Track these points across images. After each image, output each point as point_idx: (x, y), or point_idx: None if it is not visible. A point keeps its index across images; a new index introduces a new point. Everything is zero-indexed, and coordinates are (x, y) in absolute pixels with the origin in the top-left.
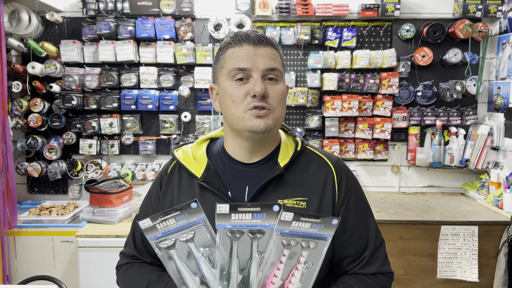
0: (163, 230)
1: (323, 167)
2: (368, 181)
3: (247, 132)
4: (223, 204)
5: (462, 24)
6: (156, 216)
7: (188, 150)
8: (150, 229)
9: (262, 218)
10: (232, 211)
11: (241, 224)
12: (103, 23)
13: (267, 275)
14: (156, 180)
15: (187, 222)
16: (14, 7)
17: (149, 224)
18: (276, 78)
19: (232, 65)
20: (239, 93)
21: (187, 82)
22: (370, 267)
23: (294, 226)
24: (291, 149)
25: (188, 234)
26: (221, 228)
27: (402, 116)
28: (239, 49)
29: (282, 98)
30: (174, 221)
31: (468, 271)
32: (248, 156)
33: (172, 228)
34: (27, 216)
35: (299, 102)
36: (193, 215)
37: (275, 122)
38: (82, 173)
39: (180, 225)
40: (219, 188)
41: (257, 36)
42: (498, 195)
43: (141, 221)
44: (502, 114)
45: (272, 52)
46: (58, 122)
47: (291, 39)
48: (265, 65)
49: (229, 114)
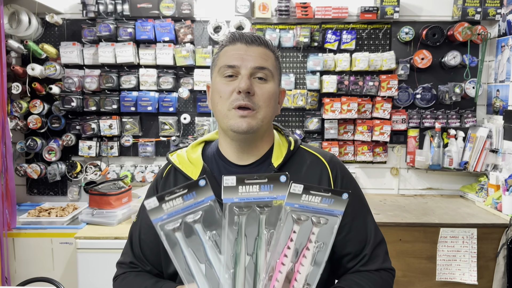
0: (169, 211)
1: (317, 164)
2: (367, 183)
3: (230, 131)
4: (230, 176)
5: (461, 27)
6: (163, 194)
7: (183, 153)
8: (155, 210)
9: (269, 189)
10: (239, 183)
11: (249, 197)
12: (103, 25)
13: (275, 256)
14: (152, 185)
15: (194, 201)
16: (14, 9)
17: (155, 204)
18: (265, 77)
19: (222, 62)
20: (226, 90)
21: (187, 84)
22: (372, 264)
23: (304, 200)
24: (284, 149)
25: (195, 214)
26: (228, 203)
27: (401, 119)
28: (232, 47)
29: (269, 98)
30: (181, 201)
31: (467, 274)
32: (242, 157)
33: (179, 209)
34: (26, 217)
35: (298, 104)
36: (201, 193)
37: (260, 122)
38: (81, 175)
39: (187, 205)
40: (215, 190)
41: (252, 36)
42: (497, 197)
43: (146, 201)
44: (501, 116)
45: (265, 52)
46: (57, 123)
47: (291, 41)
48: (254, 63)
49: (216, 111)
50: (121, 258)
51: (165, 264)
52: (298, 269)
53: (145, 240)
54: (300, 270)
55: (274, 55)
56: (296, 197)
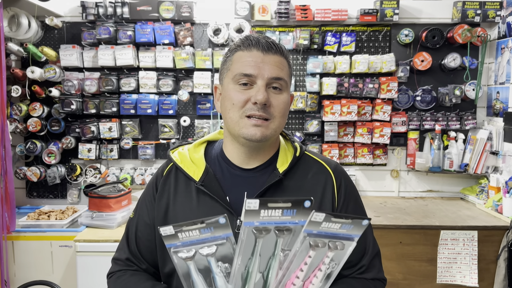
0: (184, 240)
1: (322, 172)
2: (367, 185)
3: (242, 139)
4: (253, 199)
5: (461, 29)
6: (181, 225)
7: (185, 152)
8: (170, 237)
9: (292, 214)
10: (262, 206)
11: (270, 221)
12: (103, 27)
13: (287, 274)
14: (151, 182)
15: (211, 235)
16: (14, 12)
17: (171, 232)
18: (280, 87)
19: (238, 69)
20: (240, 98)
21: (186, 87)
22: (368, 273)
23: (324, 227)
24: (290, 155)
25: (210, 248)
26: (247, 226)
27: (401, 121)
28: (247, 53)
29: (284, 108)
30: (198, 233)
31: (467, 276)
32: (247, 161)
33: (194, 240)
34: (25, 220)
35: (298, 106)
36: (219, 230)
37: (273, 132)
38: (81, 178)
39: (203, 238)
40: (217, 193)
41: (267, 43)
42: (497, 199)
43: (162, 228)
44: (501, 118)
45: (281, 60)
46: (57, 126)
47: (290, 44)
48: (271, 74)
49: (227, 117)
50: (117, 254)
51: (162, 263)
52: (307, 286)
53: (141, 237)
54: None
55: (288, 62)
56: (316, 225)
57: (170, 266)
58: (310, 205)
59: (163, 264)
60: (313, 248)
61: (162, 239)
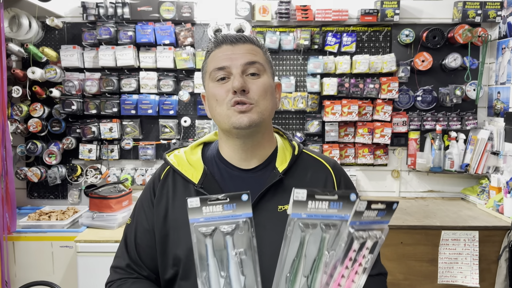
0: (207, 215)
1: (322, 170)
2: (368, 186)
3: (233, 129)
4: (301, 189)
5: (462, 29)
6: (206, 198)
7: (182, 154)
8: (195, 210)
9: (338, 207)
10: (310, 198)
11: (317, 214)
12: (103, 28)
13: (331, 275)
14: (148, 186)
15: (232, 213)
16: (14, 13)
17: (197, 204)
18: (258, 72)
19: (212, 66)
20: (221, 92)
21: (187, 87)
22: (373, 269)
23: (365, 216)
24: (289, 154)
25: (230, 225)
26: (295, 218)
27: (402, 121)
28: (218, 50)
29: (265, 91)
30: (221, 209)
31: (469, 277)
32: (244, 160)
33: (216, 216)
34: (26, 221)
35: (299, 106)
36: (241, 208)
37: (260, 115)
38: (82, 178)
39: (225, 215)
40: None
41: (235, 36)
42: (498, 200)
43: (189, 199)
44: (502, 118)
45: (252, 48)
46: (58, 127)
47: (291, 44)
48: (244, 60)
49: (215, 115)
50: (115, 262)
51: (162, 270)
52: (350, 286)
53: (141, 244)
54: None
55: (261, 50)
56: (359, 215)
57: (171, 272)
58: (355, 199)
59: (163, 270)
60: (358, 240)
61: (187, 211)
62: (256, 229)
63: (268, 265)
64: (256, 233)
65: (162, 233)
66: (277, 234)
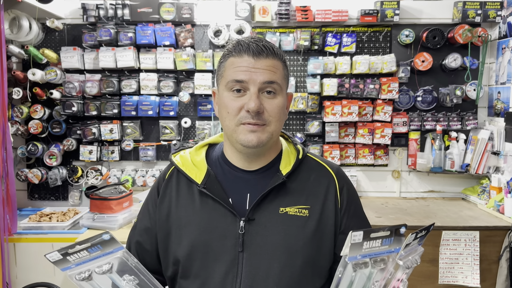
0: (76, 262)
1: (325, 175)
2: (368, 186)
3: (239, 145)
4: (358, 231)
5: (462, 29)
6: (65, 248)
7: (187, 155)
8: (60, 261)
9: (389, 243)
10: (365, 238)
11: (370, 253)
12: (104, 29)
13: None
14: (154, 187)
15: (102, 253)
16: (14, 14)
17: (58, 257)
18: (274, 91)
19: (230, 76)
20: (234, 106)
21: (187, 88)
22: None
23: (411, 245)
24: (293, 157)
25: (104, 266)
26: (351, 261)
27: (402, 121)
28: (238, 59)
29: (279, 113)
30: (87, 253)
31: (469, 277)
32: (248, 164)
33: (87, 260)
34: (27, 222)
35: (299, 107)
36: (108, 246)
37: (269, 136)
38: (82, 180)
39: (94, 256)
40: (220, 195)
41: (258, 47)
42: (499, 200)
43: (49, 255)
44: (502, 118)
45: (273, 63)
46: (58, 128)
47: (291, 45)
48: (263, 78)
49: (224, 125)
50: None
51: (165, 267)
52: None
53: (142, 243)
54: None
55: (282, 63)
56: (407, 246)
57: (171, 271)
58: (404, 231)
59: (166, 267)
60: (404, 270)
61: (54, 264)
62: (257, 229)
63: (268, 264)
64: (257, 232)
65: (165, 231)
66: (277, 234)
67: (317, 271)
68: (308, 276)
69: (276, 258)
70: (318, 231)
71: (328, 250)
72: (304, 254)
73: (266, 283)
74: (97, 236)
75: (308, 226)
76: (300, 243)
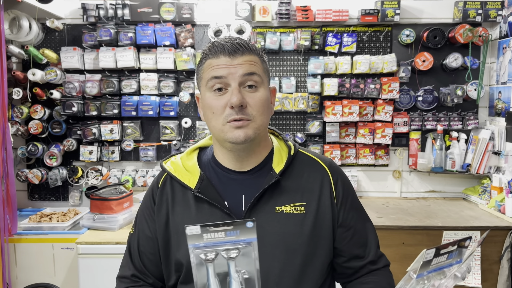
0: (208, 241)
1: (318, 170)
2: (369, 186)
3: (228, 143)
4: (430, 249)
5: (462, 29)
6: (207, 225)
7: (178, 161)
8: (194, 237)
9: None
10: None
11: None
12: (104, 29)
13: None
14: (147, 195)
15: (236, 239)
16: (14, 14)
17: (197, 232)
18: (255, 84)
19: (208, 75)
20: (217, 105)
21: (188, 88)
22: (379, 263)
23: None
24: (285, 154)
25: (233, 251)
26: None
27: (403, 121)
28: (215, 60)
29: (262, 106)
30: (223, 235)
31: (471, 277)
32: (240, 165)
33: (218, 242)
34: (27, 223)
35: (299, 107)
36: (245, 234)
37: (256, 131)
38: (83, 180)
39: (227, 240)
40: (215, 198)
41: (233, 45)
42: (500, 200)
43: (189, 227)
44: (503, 118)
45: (251, 58)
46: (58, 128)
47: (291, 45)
48: (243, 71)
49: (210, 126)
50: (121, 272)
51: (167, 276)
52: None
53: (144, 252)
54: None
55: (259, 58)
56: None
57: (175, 278)
58: (469, 243)
59: (168, 276)
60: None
61: (186, 238)
62: None
63: (267, 264)
64: None
65: (165, 239)
66: (274, 234)
67: (318, 268)
68: (308, 274)
69: (276, 258)
70: (316, 228)
71: (328, 246)
72: (303, 252)
73: (266, 284)
74: (242, 222)
75: (306, 223)
76: (299, 241)
